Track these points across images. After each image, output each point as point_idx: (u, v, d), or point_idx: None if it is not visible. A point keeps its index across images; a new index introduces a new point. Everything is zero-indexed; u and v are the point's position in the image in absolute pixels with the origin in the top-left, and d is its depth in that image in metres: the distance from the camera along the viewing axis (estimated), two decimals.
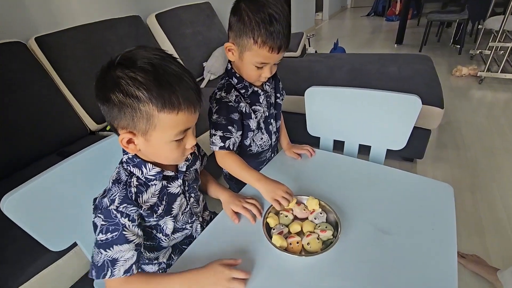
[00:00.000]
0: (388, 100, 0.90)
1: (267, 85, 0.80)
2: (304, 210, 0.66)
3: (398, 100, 0.88)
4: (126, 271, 0.49)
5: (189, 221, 0.66)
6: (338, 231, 0.59)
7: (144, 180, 0.54)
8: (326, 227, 0.61)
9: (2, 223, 0.60)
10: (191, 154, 0.63)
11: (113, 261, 0.49)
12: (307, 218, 0.66)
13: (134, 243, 0.50)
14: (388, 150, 0.95)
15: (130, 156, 0.53)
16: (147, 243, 0.63)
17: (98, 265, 0.49)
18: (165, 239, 0.63)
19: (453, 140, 1.86)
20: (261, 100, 0.78)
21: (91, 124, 1.44)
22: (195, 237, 0.68)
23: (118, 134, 0.49)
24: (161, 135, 0.47)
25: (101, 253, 0.49)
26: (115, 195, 0.50)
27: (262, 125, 0.83)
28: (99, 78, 0.45)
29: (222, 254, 0.59)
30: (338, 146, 1.04)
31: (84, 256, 0.73)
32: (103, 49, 1.51)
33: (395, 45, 4.10)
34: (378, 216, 0.67)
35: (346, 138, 1.02)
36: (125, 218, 0.50)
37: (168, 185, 0.58)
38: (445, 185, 0.76)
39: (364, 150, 1.02)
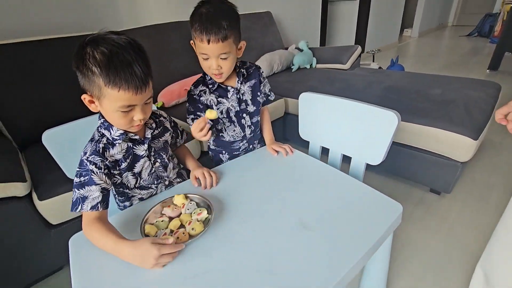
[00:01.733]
0: (368, 114, 0.90)
1: (239, 83, 0.93)
2: (175, 208, 0.71)
3: (377, 114, 0.88)
4: (92, 207, 0.63)
5: (155, 182, 0.82)
6: (211, 208, 0.68)
7: (111, 140, 0.69)
8: (200, 210, 0.68)
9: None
10: (157, 125, 0.80)
11: (83, 198, 0.63)
12: (180, 213, 0.70)
13: (100, 186, 0.65)
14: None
15: (102, 121, 0.69)
16: (121, 197, 0.81)
17: (73, 201, 0.64)
18: (130, 192, 0.79)
19: (505, 183, 1.58)
20: (229, 95, 0.92)
21: None
22: None
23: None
24: (108, 104, 0.61)
25: (76, 192, 0.64)
26: (87, 149, 0.67)
27: (234, 118, 0.96)
28: (75, 50, 0.59)
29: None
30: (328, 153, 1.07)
31: None
32: (165, 48, 1.84)
33: (487, 71, 3.54)
34: (311, 214, 0.70)
35: (331, 146, 1.05)
36: (92, 165, 0.65)
37: (134, 147, 0.73)
38: (395, 203, 0.75)
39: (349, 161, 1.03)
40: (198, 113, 0.89)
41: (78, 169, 0.66)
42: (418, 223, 1.36)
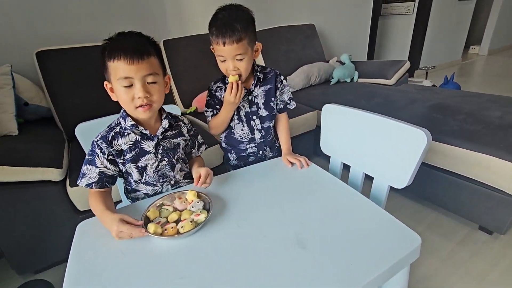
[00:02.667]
0: (395, 131, 0.81)
1: (253, 85, 0.94)
2: (184, 202, 0.73)
3: (404, 132, 0.78)
4: (87, 185, 0.72)
5: (160, 180, 0.82)
6: (209, 212, 0.67)
7: (123, 129, 0.75)
8: (200, 212, 0.68)
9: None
10: (173, 127, 0.82)
11: (83, 174, 0.72)
12: (186, 209, 0.72)
13: (99, 169, 0.72)
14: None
15: (123, 110, 0.76)
16: (128, 187, 0.85)
17: (79, 173, 0.73)
18: (135, 185, 0.82)
19: None
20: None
21: (181, 107, 1.89)
22: None
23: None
24: (113, 80, 0.68)
25: (82, 167, 0.73)
26: (100, 133, 0.74)
27: (243, 118, 0.97)
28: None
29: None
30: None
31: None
32: (205, 57, 1.90)
33: None
34: (311, 232, 0.65)
35: (352, 164, 0.96)
36: (98, 149, 0.72)
37: (142, 141, 0.76)
38: (413, 234, 0.64)
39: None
40: (217, 106, 0.96)
41: (89, 148, 0.74)
42: (459, 265, 1.16)
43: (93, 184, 0.72)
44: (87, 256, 0.62)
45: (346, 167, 1.00)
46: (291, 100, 1.01)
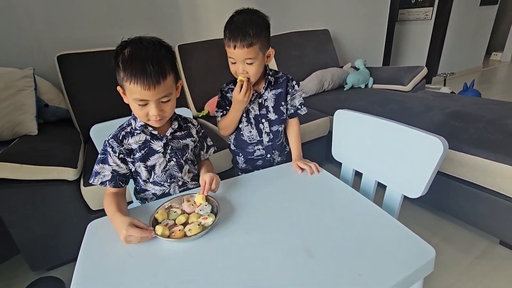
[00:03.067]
0: (409, 138, 0.79)
1: (263, 89, 0.95)
2: (192, 205, 0.73)
3: (419, 139, 0.76)
4: (101, 183, 0.74)
5: (168, 181, 0.83)
6: (216, 217, 0.67)
7: (134, 129, 0.77)
8: (208, 215, 0.68)
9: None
10: (182, 128, 0.83)
11: (96, 173, 0.74)
12: (194, 212, 0.72)
13: (112, 167, 0.74)
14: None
15: (133, 112, 0.77)
16: (137, 187, 0.86)
17: (92, 172, 0.75)
18: (143, 184, 0.83)
19: None
20: (252, 98, 0.93)
21: (193, 111, 1.91)
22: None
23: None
24: (128, 95, 0.70)
25: (95, 166, 0.75)
26: (112, 133, 0.77)
27: (252, 120, 0.98)
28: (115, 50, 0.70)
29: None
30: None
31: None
32: (218, 61, 1.91)
33: None
34: (320, 241, 0.63)
35: (364, 171, 0.94)
36: (110, 148, 0.75)
37: (152, 140, 0.78)
38: (428, 246, 0.61)
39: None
40: (227, 107, 0.96)
41: (101, 147, 0.76)
42: (477, 281, 1.10)
43: (107, 182, 0.74)
44: (96, 256, 0.63)
45: (358, 175, 0.98)
46: (302, 106, 1.00)
